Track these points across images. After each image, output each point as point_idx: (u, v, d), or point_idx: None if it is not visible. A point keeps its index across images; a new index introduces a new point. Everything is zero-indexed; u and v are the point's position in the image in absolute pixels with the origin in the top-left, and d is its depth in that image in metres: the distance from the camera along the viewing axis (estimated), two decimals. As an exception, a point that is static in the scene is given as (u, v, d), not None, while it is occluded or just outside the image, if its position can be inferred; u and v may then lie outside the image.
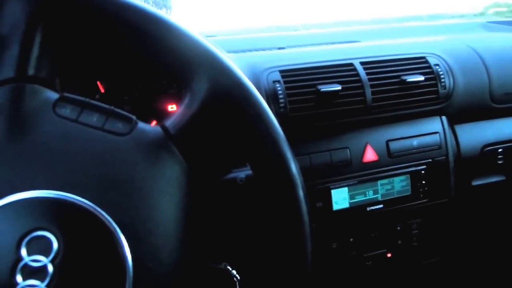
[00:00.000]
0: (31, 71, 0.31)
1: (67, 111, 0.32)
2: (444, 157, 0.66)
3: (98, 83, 0.62)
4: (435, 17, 1.29)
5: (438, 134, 0.66)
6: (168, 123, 0.34)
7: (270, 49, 0.88)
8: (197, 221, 0.36)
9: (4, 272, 0.26)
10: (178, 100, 0.63)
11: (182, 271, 0.32)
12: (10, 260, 0.26)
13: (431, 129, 0.66)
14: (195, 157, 0.34)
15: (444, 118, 0.67)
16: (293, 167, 0.35)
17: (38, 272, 0.26)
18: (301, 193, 0.35)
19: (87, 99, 0.33)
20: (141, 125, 0.34)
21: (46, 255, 0.27)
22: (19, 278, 0.26)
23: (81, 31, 0.34)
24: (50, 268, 0.26)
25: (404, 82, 0.62)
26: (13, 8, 0.31)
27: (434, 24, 1.18)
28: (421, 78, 0.62)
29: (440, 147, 0.65)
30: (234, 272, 0.50)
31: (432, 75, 0.65)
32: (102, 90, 0.62)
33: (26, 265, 0.26)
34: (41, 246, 0.27)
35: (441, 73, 0.65)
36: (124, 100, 0.62)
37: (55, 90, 0.33)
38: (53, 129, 0.31)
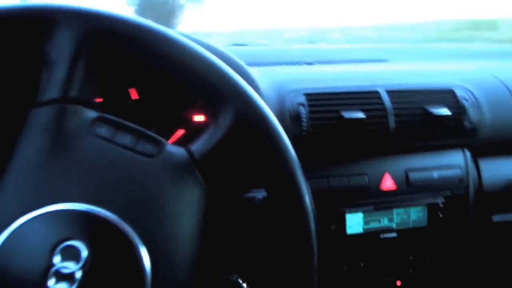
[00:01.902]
0: (73, 93, 0.34)
1: (103, 130, 0.34)
2: (464, 191, 0.65)
3: (130, 90, 0.65)
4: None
5: (460, 167, 0.65)
6: (194, 147, 0.37)
7: (299, 63, 0.89)
8: (214, 238, 0.38)
9: (38, 274, 0.29)
10: (204, 112, 0.65)
11: (196, 285, 0.34)
12: (44, 264, 0.29)
13: (453, 162, 0.65)
14: (215, 180, 0.37)
15: (467, 151, 0.67)
16: (307, 201, 0.37)
17: (67, 278, 0.29)
18: (312, 226, 0.37)
19: (122, 121, 0.35)
20: (169, 147, 0.36)
21: (76, 263, 0.29)
22: (50, 281, 0.29)
23: (119, 59, 0.36)
24: (79, 274, 0.29)
25: (429, 114, 0.62)
26: (63, 36, 0.34)
27: (465, 46, 1.17)
28: (447, 111, 0.62)
29: (461, 181, 0.65)
30: (244, 285, 0.52)
31: (459, 109, 0.64)
32: (134, 97, 0.65)
33: (57, 270, 0.29)
34: (72, 254, 0.29)
35: (468, 106, 0.65)
36: (154, 108, 0.64)
37: (93, 109, 0.36)
38: (90, 147, 0.33)
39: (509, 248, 0.71)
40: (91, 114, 0.35)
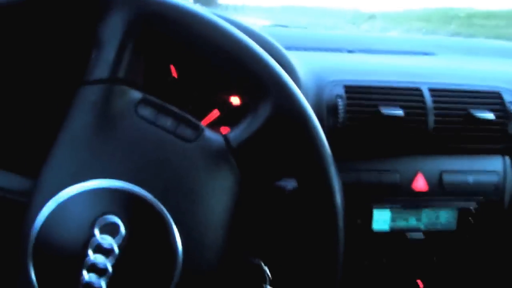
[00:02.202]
0: (121, 74, 0.35)
1: (146, 112, 0.36)
2: (499, 198, 0.63)
3: (172, 67, 0.66)
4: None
5: (497, 174, 0.63)
6: (231, 135, 0.38)
7: (339, 50, 0.88)
8: (243, 223, 0.40)
9: (79, 245, 0.31)
10: (242, 97, 0.65)
11: (223, 267, 0.36)
12: (85, 236, 0.31)
13: (491, 168, 0.63)
14: (249, 168, 0.38)
15: (507, 158, 0.64)
16: (338, 199, 0.37)
17: (106, 251, 0.31)
18: (341, 224, 0.37)
19: (165, 104, 0.36)
20: (207, 133, 0.37)
21: (114, 238, 0.31)
22: (90, 252, 0.31)
23: (165, 41, 0.37)
24: (116, 249, 0.31)
25: (472, 116, 0.60)
26: (115, 18, 0.35)
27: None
28: (491, 115, 0.60)
29: (497, 188, 0.63)
30: (267, 270, 0.54)
31: (504, 113, 0.62)
32: (174, 75, 0.66)
33: (98, 243, 0.31)
34: (111, 229, 0.31)
35: None
36: (193, 87, 0.65)
37: (138, 89, 0.37)
38: (133, 127, 0.35)
39: None
40: (136, 95, 0.36)
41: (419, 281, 0.65)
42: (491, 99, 0.62)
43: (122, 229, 0.31)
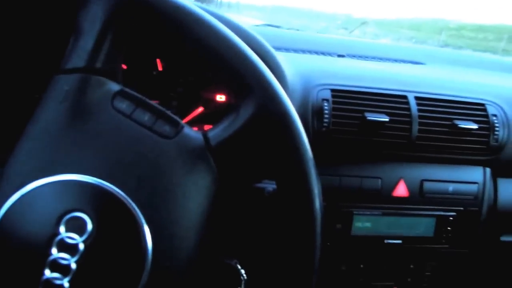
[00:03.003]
0: (98, 65, 0.34)
1: (123, 105, 0.34)
2: (477, 208, 0.64)
3: (158, 60, 0.65)
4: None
5: (477, 184, 0.64)
6: (211, 133, 0.36)
7: (330, 54, 0.87)
8: (219, 224, 0.39)
9: (42, 241, 0.29)
10: (226, 94, 0.65)
11: (195, 269, 0.35)
12: (49, 232, 0.29)
13: (471, 178, 0.64)
14: (227, 168, 0.37)
15: (488, 170, 0.65)
16: (317, 204, 0.36)
17: (70, 248, 0.29)
18: (318, 230, 0.36)
19: (143, 98, 0.35)
20: (186, 130, 0.36)
21: (80, 235, 0.30)
22: (54, 250, 0.29)
23: (147, 33, 0.36)
24: (81, 246, 0.29)
25: (455, 126, 0.60)
26: (96, 5, 0.34)
27: (508, 60, 1.12)
28: (474, 126, 0.60)
29: (475, 198, 0.64)
30: (242, 271, 0.53)
31: (487, 125, 0.62)
32: (160, 68, 0.65)
33: (62, 240, 0.29)
34: (77, 226, 0.30)
35: (496, 124, 0.63)
36: (178, 82, 0.64)
37: (116, 81, 0.36)
38: (108, 121, 0.33)
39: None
40: (114, 87, 0.34)
41: (395, 288, 0.66)
42: (476, 111, 0.63)
43: (90, 226, 0.30)
